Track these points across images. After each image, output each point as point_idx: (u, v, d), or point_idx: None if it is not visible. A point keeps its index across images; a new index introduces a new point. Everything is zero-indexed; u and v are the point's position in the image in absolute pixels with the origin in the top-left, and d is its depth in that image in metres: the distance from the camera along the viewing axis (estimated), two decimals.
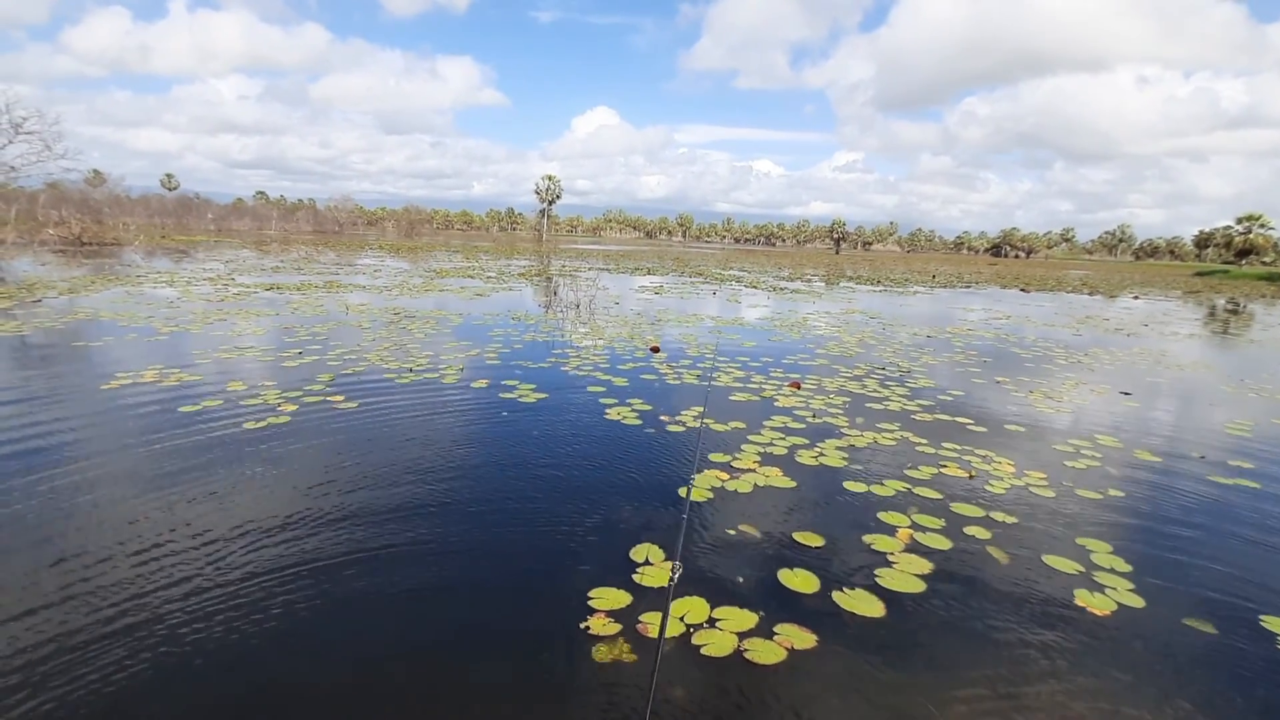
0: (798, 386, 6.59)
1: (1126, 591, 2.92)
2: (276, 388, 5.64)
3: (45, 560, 2.75)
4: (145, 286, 13.42)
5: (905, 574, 2.95)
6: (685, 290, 18.51)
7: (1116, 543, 3.40)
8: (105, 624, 2.34)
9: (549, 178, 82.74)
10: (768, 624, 2.50)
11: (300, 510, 3.32)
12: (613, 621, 2.47)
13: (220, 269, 18.84)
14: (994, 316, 15.09)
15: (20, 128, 23.29)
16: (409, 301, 12.81)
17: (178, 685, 2.08)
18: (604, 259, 36.87)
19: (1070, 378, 7.94)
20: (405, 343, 8.12)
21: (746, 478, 4.03)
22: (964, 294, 22.62)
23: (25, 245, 23.60)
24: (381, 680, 2.17)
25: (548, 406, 5.50)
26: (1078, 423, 5.80)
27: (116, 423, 4.60)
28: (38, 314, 9.21)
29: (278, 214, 76.09)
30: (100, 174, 49.06)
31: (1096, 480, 4.33)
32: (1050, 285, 30.27)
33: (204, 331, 8.38)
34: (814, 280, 26.22)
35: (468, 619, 2.52)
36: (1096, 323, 14.84)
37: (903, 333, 11.29)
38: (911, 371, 7.68)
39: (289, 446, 4.24)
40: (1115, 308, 19.66)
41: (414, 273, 20.79)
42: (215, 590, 2.58)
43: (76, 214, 30.10)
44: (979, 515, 3.65)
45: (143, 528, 3.06)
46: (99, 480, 3.61)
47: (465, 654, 2.32)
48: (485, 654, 2.31)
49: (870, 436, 5.00)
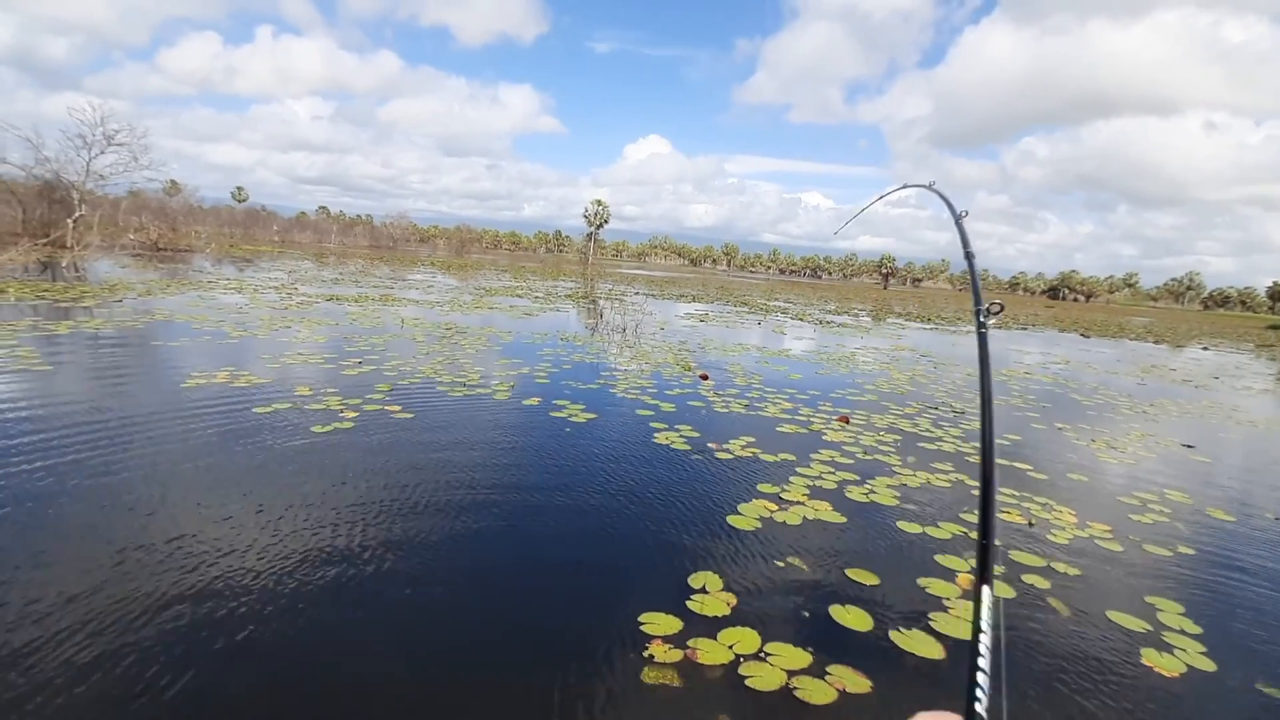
0: (846, 421, 6.51)
1: (1197, 654, 2.78)
2: (339, 394, 5.87)
3: (144, 536, 2.92)
4: (215, 292, 14.14)
5: (964, 620, 2.88)
6: (730, 319, 18.51)
7: (1187, 602, 3.24)
8: (187, 599, 2.48)
9: (598, 202, 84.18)
10: (820, 663, 2.46)
11: (360, 516, 3.44)
12: (673, 649, 2.46)
13: (284, 278, 19.72)
14: (1052, 360, 14.61)
15: (112, 139, 25.00)
16: (460, 317, 13.16)
17: (233, 665, 2.18)
18: (648, 284, 37.19)
19: (1135, 428, 7.62)
20: (457, 357, 8.34)
21: (795, 510, 3.99)
22: (1020, 336, 21.98)
23: (107, 249, 25.19)
24: (426, 681, 2.22)
25: (597, 427, 5.57)
26: (1144, 475, 5.56)
27: (198, 422, 4.85)
28: (119, 314, 9.81)
29: (337, 228, 79.29)
30: (177, 184, 52.10)
31: (1166, 536, 4.14)
32: (1112, 331, 29.15)
33: (270, 337, 8.78)
34: (861, 315, 25.86)
35: (514, 626, 2.57)
36: (1162, 373, 14.21)
37: (955, 372, 11.03)
38: (966, 413, 7.50)
39: (353, 452, 4.40)
40: (1182, 358, 18.80)
41: (464, 290, 21.36)
42: (284, 580, 2.70)
43: (154, 221, 31.99)
44: (1039, 564, 3.53)
45: (234, 522, 3.22)
46: (186, 475, 3.82)
47: (510, 661, 2.36)
48: (531, 661, 2.35)
49: (924, 476, 4.90)
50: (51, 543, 2.90)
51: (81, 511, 3.21)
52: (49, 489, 3.41)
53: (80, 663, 2.13)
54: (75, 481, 3.53)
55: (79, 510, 3.22)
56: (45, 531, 2.98)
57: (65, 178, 24.56)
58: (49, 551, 2.82)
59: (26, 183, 24.71)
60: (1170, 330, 34.73)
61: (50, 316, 9.04)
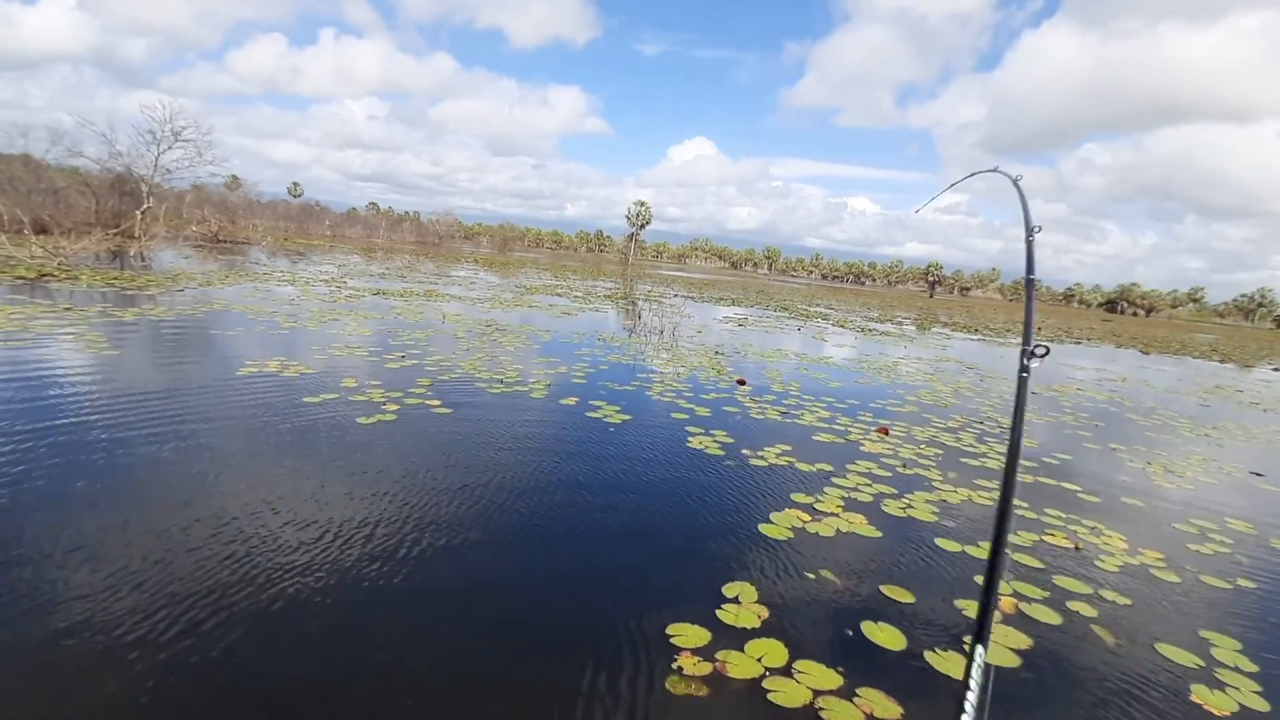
0: (886, 432, 6.38)
1: (1251, 693, 2.63)
2: (382, 387, 6.03)
3: (198, 519, 3.06)
4: (270, 284, 14.70)
5: (1001, 647, 2.79)
6: (770, 324, 18.32)
7: (1244, 639, 3.07)
8: (230, 581, 2.58)
9: (640, 203, 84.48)
10: (850, 684, 2.41)
11: (395, 510, 3.53)
12: (702, 661, 2.45)
13: (334, 271, 20.37)
14: (1107, 377, 14.02)
15: (179, 136, 26.26)
16: (500, 315, 13.37)
17: (269, 652, 2.26)
18: (688, 286, 37.10)
19: (1196, 452, 7.25)
20: (497, 354, 8.47)
21: (829, 521, 3.93)
22: (1073, 350, 21.14)
23: (171, 239, 26.41)
24: (447, 681, 2.26)
25: (632, 429, 5.58)
26: (1203, 502, 5.28)
27: (250, 409, 5.05)
28: (180, 301, 10.29)
29: (385, 224, 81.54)
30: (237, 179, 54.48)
31: (1225, 567, 3.93)
32: (1174, 348, 27.80)
33: (320, 329, 9.08)
34: (905, 323, 25.28)
35: (542, 626, 2.59)
36: (1228, 394, 13.48)
37: (1002, 386, 10.68)
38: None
39: (393, 445, 4.52)
40: (1251, 379, 17.79)
41: (505, 287, 21.68)
42: (324, 565, 2.79)
43: (215, 214, 33.47)
44: (1086, 591, 3.40)
45: (282, 507, 3.35)
46: (237, 461, 3.98)
47: (534, 663, 2.38)
48: (555, 662, 2.37)
49: (965, 493, 4.76)
50: (98, 519, 3.06)
51: (133, 490, 3.38)
52: (108, 464, 3.60)
53: (132, 638, 2.24)
54: (129, 460, 3.72)
55: (133, 488, 3.39)
56: (95, 508, 3.15)
57: (135, 171, 25.90)
58: (99, 527, 2.98)
59: (101, 175, 26.18)
60: (1238, 349, 32.89)
61: (118, 303, 9.54)
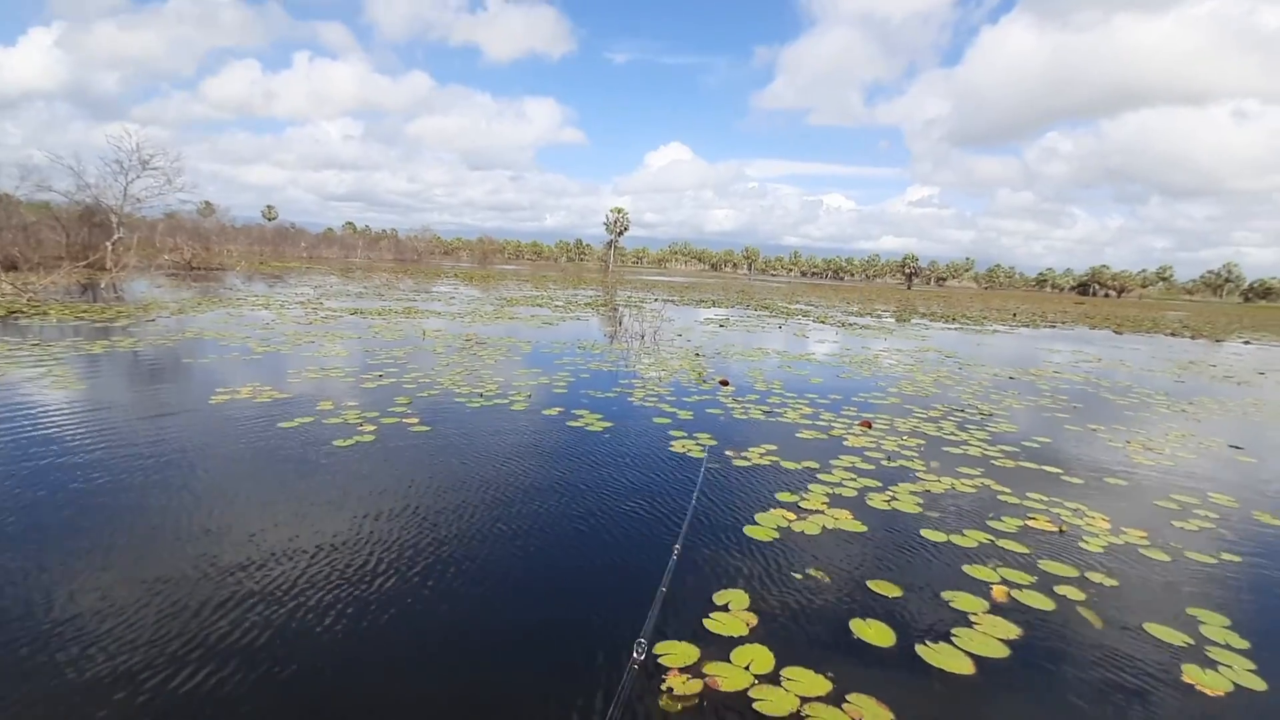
0: (868, 426, 6.38)
1: (1244, 671, 2.63)
2: (359, 408, 5.92)
3: (176, 548, 2.96)
4: (244, 309, 14.45)
5: (990, 637, 2.76)
6: (751, 323, 18.36)
7: (1233, 615, 3.08)
8: (201, 609, 2.49)
9: (617, 210, 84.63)
10: (839, 687, 2.36)
11: (369, 531, 3.45)
12: (692, 679, 2.39)
13: (310, 294, 20.10)
14: (1083, 359, 14.20)
15: (147, 164, 25.90)
16: (481, 328, 13.25)
17: (251, 681, 2.18)
18: (669, 290, 37.14)
19: (1173, 428, 7.34)
20: (477, 368, 8.38)
21: (814, 519, 3.90)
22: (1048, 334, 21.43)
23: (144, 269, 25.98)
24: (429, 703, 2.19)
25: (613, 436, 5.53)
26: (1184, 478, 5.33)
27: (222, 437, 4.92)
28: (151, 332, 10.07)
29: (363, 243, 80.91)
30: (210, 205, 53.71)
31: (1209, 543, 3.95)
32: (1146, 327, 28.29)
33: (294, 352, 8.92)
34: (884, 316, 25.48)
35: (523, 638, 2.53)
36: (1201, 369, 13.71)
37: (981, 373, 10.77)
38: (993, 415, 7.30)
39: (370, 465, 4.43)
40: (1223, 353, 18.13)
41: (485, 301, 21.54)
42: (295, 591, 2.70)
43: (189, 241, 32.96)
44: (1072, 575, 3.39)
45: (252, 536, 3.25)
46: (214, 489, 3.87)
47: (516, 674, 2.32)
48: (537, 680, 2.30)
49: (948, 482, 4.76)
50: (66, 557, 2.94)
51: (100, 524, 3.26)
52: (73, 498, 3.48)
53: (100, 674, 2.15)
54: (97, 497, 3.60)
55: (98, 523, 3.27)
56: (65, 543, 3.04)
57: (104, 202, 25.46)
58: (67, 562, 2.87)
59: (69, 208, 25.70)
60: (1208, 324, 33.56)
61: (87, 336, 9.31)
